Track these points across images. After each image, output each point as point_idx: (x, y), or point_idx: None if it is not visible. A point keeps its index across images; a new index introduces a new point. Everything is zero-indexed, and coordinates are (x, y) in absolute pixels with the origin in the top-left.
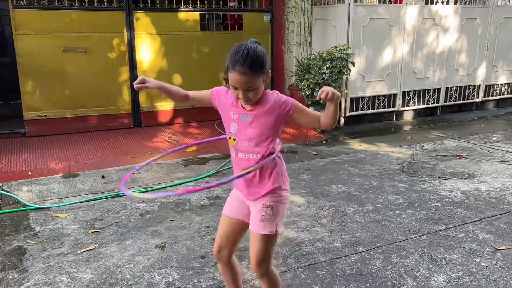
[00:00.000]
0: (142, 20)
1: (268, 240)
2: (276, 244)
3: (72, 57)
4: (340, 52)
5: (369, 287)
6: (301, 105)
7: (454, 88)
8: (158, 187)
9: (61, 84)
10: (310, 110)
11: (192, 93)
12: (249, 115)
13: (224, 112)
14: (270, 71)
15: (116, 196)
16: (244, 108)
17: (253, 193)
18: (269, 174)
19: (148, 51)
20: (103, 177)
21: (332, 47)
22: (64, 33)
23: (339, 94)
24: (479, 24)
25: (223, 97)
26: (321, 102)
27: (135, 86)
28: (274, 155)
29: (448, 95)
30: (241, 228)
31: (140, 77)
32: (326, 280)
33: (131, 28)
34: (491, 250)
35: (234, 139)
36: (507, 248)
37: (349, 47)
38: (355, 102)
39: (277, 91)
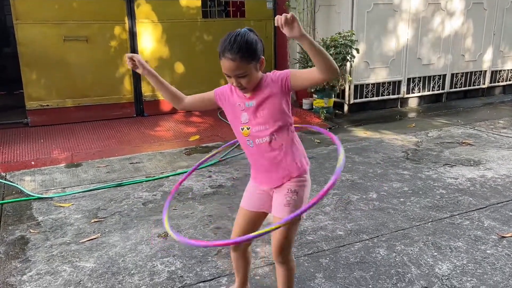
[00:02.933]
0: (143, 7)
1: (292, 225)
2: (297, 228)
3: (73, 46)
4: (344, 38)
5: (373, 275)
6: (295, 70)
7: (460, 74)
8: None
9: (62, 74)
10: (306, 70)
11: (189, 98)
12: (252, 101)
13: (231, 108)
14: (263, 57)
15: (119, 185)
16: (245, 96)
17: (275, 180)
18: (293, 158)
19: (149, 39)
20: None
21: (336, 34)
22: (65, 22)
23: (293, 15)
24: (485, 8)
25: (227, 94)
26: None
27: (127, 59)
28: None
29: (454, 81)
30: (260, 219)
31: (136, 56)
32: (329, 268)
33: (132, 16)
34: (497, 238)
35: (248, 128)
36: None
37: (353, 34)
38: (359, 89)
39: (273, 71)
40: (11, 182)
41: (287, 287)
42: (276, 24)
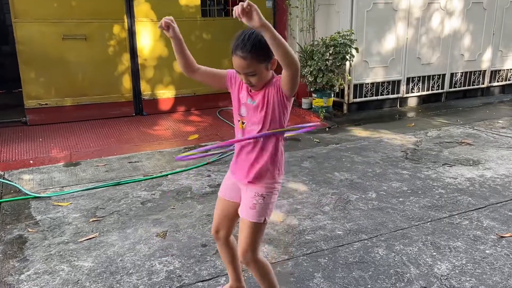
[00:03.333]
0: (142, 6)
1: (257, 228)
2: (263, 233)
3: (72, 44)
4: (343, 38)
5: (372, 275)
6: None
7: (459, 74)
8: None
9: (61, 72)
10: None
11: (204, 68)
12: (255, 100)
13: (236, 96)
14: (275, 58)
15: (118, 184)
16: (251, 92)
17: (247, 176)
18: (270, 163)
19: (149, 38)
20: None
21: (335, 33)
22: (64, 20)
23: (253, 5)
24: (485, 8)
25: (238, 80)
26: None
27: (162, 22)
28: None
29: (453, 81)
30: (236, 209)
31: (168, 21)
32: (328, 268)
33: (131, 14)
34: (496, 238)
35: (243, 122)
36: None
37: (352, 33)
38: (359, 89)
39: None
40: (9, 181)
41: (263, 283)
42: (234, 15)
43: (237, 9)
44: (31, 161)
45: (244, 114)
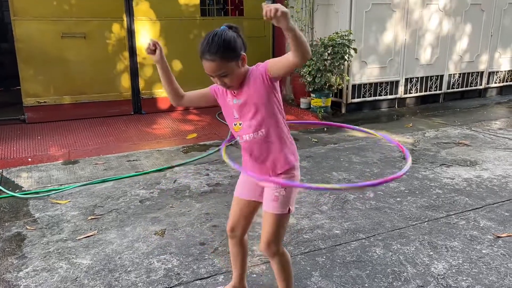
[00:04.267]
0: (142, 5)
1: (280, 220)
2: (287, 224)
3: (71, 42)
4: (342, 38)
5: (369, 274)
6: (272, 59)
7: (457, 75)
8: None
9: (60, 70)
10: (281, 57)
11: (188, 93)
12: (239, 98)
13: (225, 104)
14: (244, 54)
15: (103, 181)
16: (234, 93)
17: (265, 171)
18: (280, 152)
19: (148, 36)
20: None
21: (333, 33)
22: (63, 18)
23: (285, 10)
24: (483, 9)
25: (222, 90)
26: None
27: (148, 44)
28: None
29: (451, 82)
30: (254, 208)
31: (155, 41)
32: (325, 267)
33: (130, 13)
34: (492, 238)
35: (240, 124)
36: (509, 236)
37: (350, 33)
38: (357, 89)
39: (256, 64)
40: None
41: (283, 279)
42: (264, 14)
43: (269, 10)
44: (30, 159)
45: (237, 116)
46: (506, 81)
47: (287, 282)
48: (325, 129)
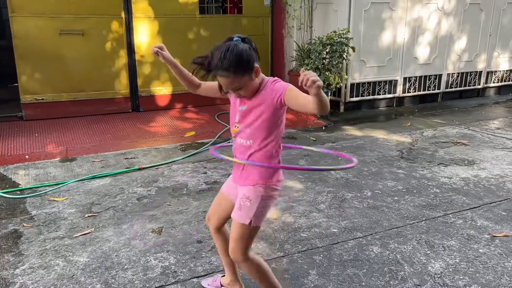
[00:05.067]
0: (140, 2)
1: (243, 230)
2: (253, 236)
3: (69, 39)
4: (340, 36)
5: (366, 273)
6: (294, 89)
7: (455, 74)
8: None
9: (58, 67)
10: (303, 94)
11: (205, 83)
12: (245, 105)
13: (233, 103)
14: (257, 66)
15: (94, 177)
16: (243, 98)
17: (240, 178)
18: (258, 168)
19: (146, 34)
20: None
21: (331, 32)
22: (61, 15)
23: (321, 83)
24: (482, 9)
25: None
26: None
27: (152, 49)
28: (261, 163)
29: (449, 81)
30: (230, 206)
31: (160, 44)
32: (323, 265)
33: (129, 10)
34: (489, 237)
35: (237, 127)
36: (506, 236)
37: (348, 31)
38: (355, 88)
39: (276, 79)
40: None
41: (259, 283)
42: (300, 81)
43: (305, 79)
44: (27, 156)
45: (237, 120)
46: (505, 81)
47: (264, 284)
48: (323, 128)
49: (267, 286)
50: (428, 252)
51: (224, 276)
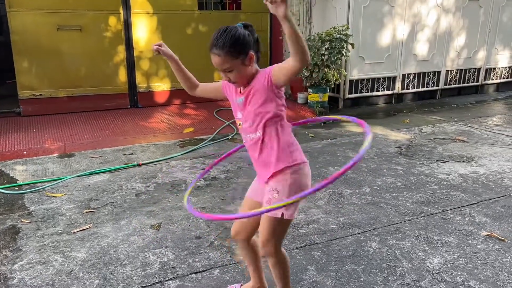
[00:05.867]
0: None
1: (274, 223)
2: (285, 229)
3: (67, 35)
4: (339, 32)
5: (365, 269)
6: (278, 64)
7: (454, 71)
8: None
9: (56, 63)
10: (284, 61)
11: (201, 86)
12: (242, 97)
13: (231, 101)
14: (252, 53)
15: (92, 173)
16: (238, 91)
17: (263, 175)
18: (274, 154)
19: (144, 30)
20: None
21: (331, 28)
22: (59, 11)
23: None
24: (481, 5)
25: (231, 87)
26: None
27: (152, 47)
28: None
29: (448, 78)
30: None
31: (160, 42)
32: (321, 261)
33: (127, 6)
34: (488, 233)
35: (240, 124)
36: (499, 239)
37: (347, 28)
38: (354, 84)
39: (268, 68)
40: None
41: (279, 278)
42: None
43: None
44: (25, 152)
45: (240, 116)
46: (503, 78)
47: (283, 281)
48: (322, 124)
49: (285, 284)
50: (427, 248)
51: (242, 285)
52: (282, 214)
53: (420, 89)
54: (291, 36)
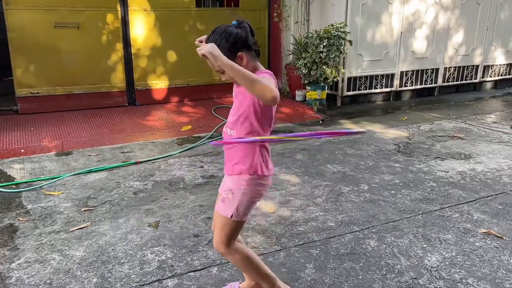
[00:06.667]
0: None
1: (225, 222)
2: (236, 229)
3: (64, 33)
4: (337, 30)
5: (363, 267)
6: (269, 78)
7: (452, 68)
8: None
9: (53, 61)
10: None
11: None
12: (234, 92)
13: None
14: (241, 53)
15: (90, 171)
16: (237, 87)
17: (226, 167)
18: (240, 157)
19: (142, 27)
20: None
21: (329, 25)
22: (56, 8)
23: (204, 51)
24: (479, 3)
25: None
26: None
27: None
28: (247, 139)
29: (446, 75)
30: None
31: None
32: (319, 259)
33: (124, 3)
34: (486, 230)
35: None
36: (498, 236)
37: (345, 25)
38: (352, 82)
39: (267, 71)
40: None
41: (248, 273)
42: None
43: (200, 54)
44: (22, 150)
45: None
46: (501, 75)
47: (255, 276)
48: (320, 122)
49: (257, 275)
50: (425, 245)
51: (241, 283)
52: (232, 215)
53: (418, 86)
54: (239, 80)
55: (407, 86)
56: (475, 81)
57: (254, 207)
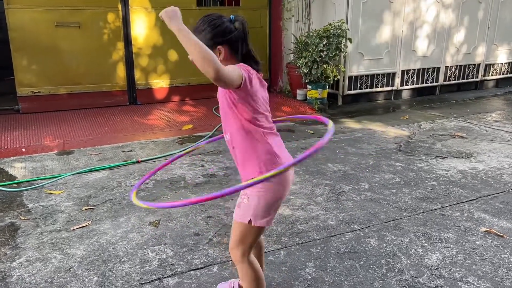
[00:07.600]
0: None
1: (241, 228)
2: (253, 236)
3: (65, 32)
4: (335, 28)
5: (363, 265)
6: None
7: (453, 67)
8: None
9: (54, 60)
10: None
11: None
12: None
13: None
14: (220, 47)
15: (91, 170)
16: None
17: (242, 177)
18: (245, 160)
19: (143, 26)
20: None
21: (327, 24)
22: (57, 7)
23: (166, 13)
24: (480, 1)
25: None
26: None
27: None
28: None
29: (448, 74)
30: None
31: None
32: (320, 257)
33: (125, 2)
34: (486, 229)
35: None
36: (498, 235)
37: (343, 23)
38: (353, 81)
39: (240, 64)
40: None
41: (245, 286)
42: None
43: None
44: (24, 149)
45: None
46: (503, 74)
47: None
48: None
49: None
50: (425, 244)
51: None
52: (250, 221)
53: (420, 85)
54: (185, 45)
55: (408, 85)
56: (477, 79)
57: (276, 210)
